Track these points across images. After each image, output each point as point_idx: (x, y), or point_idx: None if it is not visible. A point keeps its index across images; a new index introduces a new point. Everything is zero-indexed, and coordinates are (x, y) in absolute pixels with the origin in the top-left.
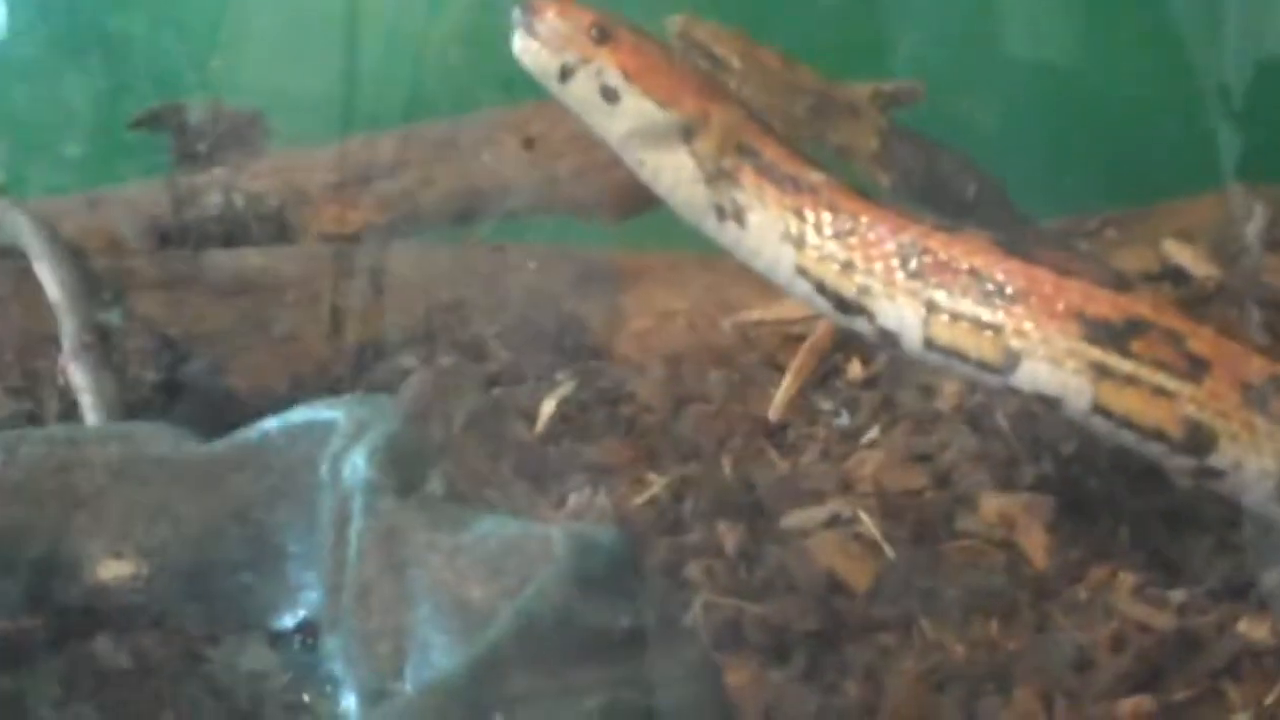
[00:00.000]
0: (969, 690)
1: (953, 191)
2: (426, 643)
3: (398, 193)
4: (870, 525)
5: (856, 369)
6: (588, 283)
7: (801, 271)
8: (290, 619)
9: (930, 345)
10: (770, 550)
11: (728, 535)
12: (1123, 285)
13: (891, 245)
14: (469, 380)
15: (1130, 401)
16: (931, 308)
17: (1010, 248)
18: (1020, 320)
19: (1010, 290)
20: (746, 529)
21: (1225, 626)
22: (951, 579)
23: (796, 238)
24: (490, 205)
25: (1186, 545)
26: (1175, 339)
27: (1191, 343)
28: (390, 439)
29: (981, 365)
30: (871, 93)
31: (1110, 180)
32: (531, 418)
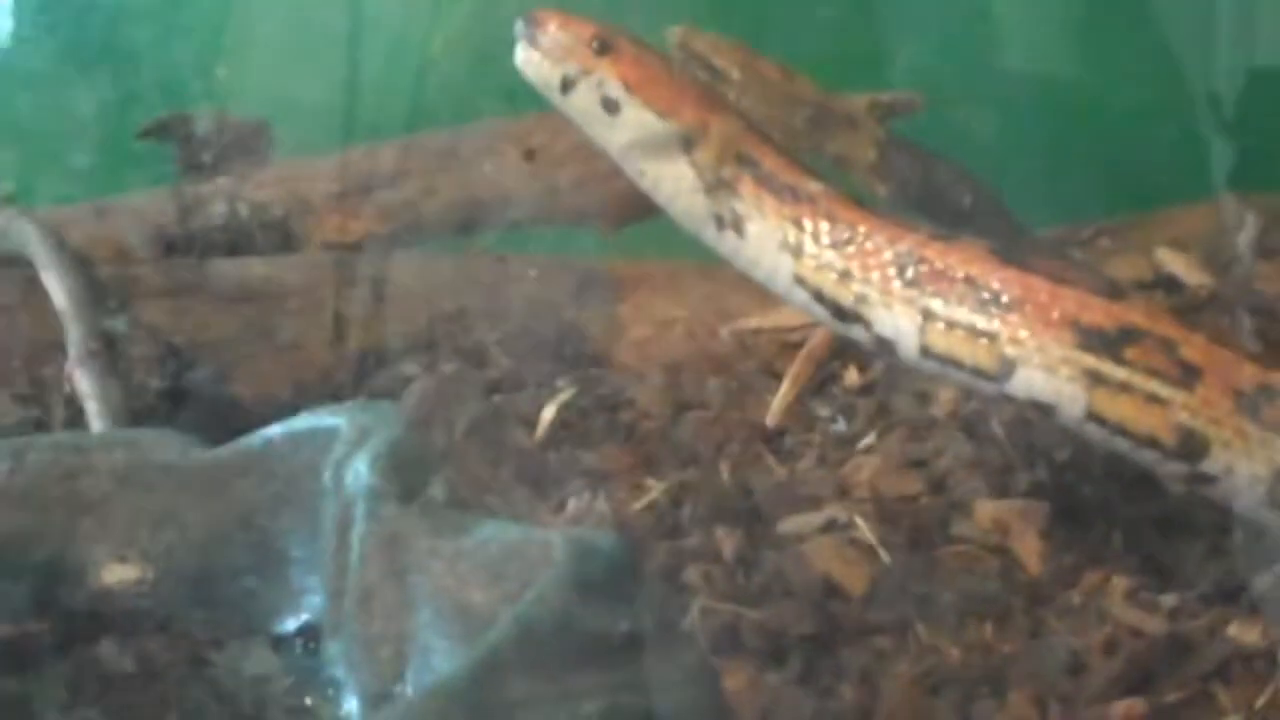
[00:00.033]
0: (964, 693)
1: (949, 201)
2: (428, 647)
3: (400, 202)
4: (866, 530)
5: (853, 376)
6: (588, 291)
7: (799, 280)
8: (293, 623)
9: (926, 353)
10: (767, 555)
11: (726, 540)
12: (1116, 293)
13: (888, 254)
14: (470, 387)
15: (1124, 408)
16: (928, 316)
17: (1006, 256)
18: (1015, 328)
19: (1005, 298)
20: (744, 534)
21: (1216, 630)
22: (947, 584)
23: (795, 247)
24: (492, 215)
25: (1178, 550)
26: (1168, 347)
27: (1184, 350)
28: (393, 445)
29: (977, 372)
30: (869, 104)
31: (1104, 190)
32: (532, 424)
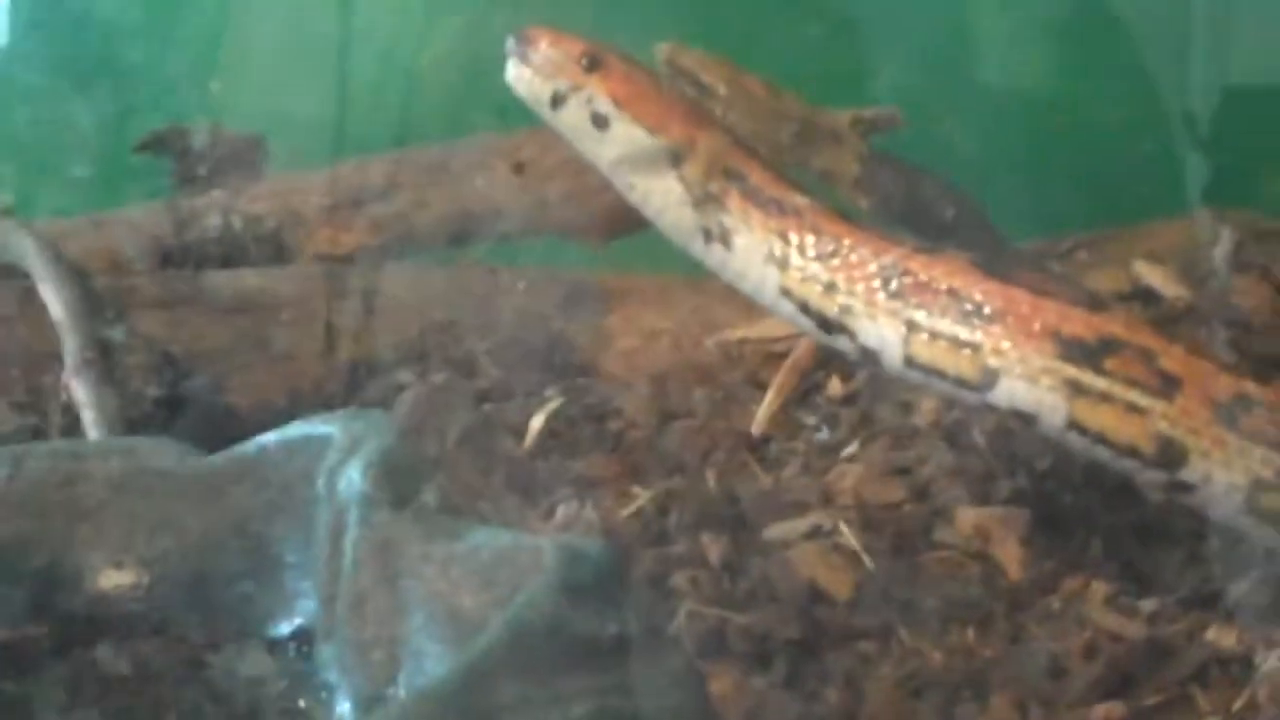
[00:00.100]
0: (946, 697)
1: (932, 215)
2: (420, 651)
3: (391, 215)
4: (850, 537)
5: (836, 386)
6: (576, 303)
7: (786, 292)
8: (287, 627)
9: (910, 363)
10: (753, 561)
11: (712, 547)
12: (1097, 305)
13: (873, 267)
14: (461, 397)
15: (1104, 418)
16: (912, 327)
17: (988, 269)
18: (998, 339)
19: (988, 310)
20: (730, 541)
21: (1194, 635)
22: (929, 589)
23: (781, 259)
24: (482, 228)
25: (1157, 557)
26: (1147, 357)
27: (1163, 361)
28: (385, 453)
29: (960, 382)
30: (852, 119)
31: (1083, 204)
32: (521, 433)
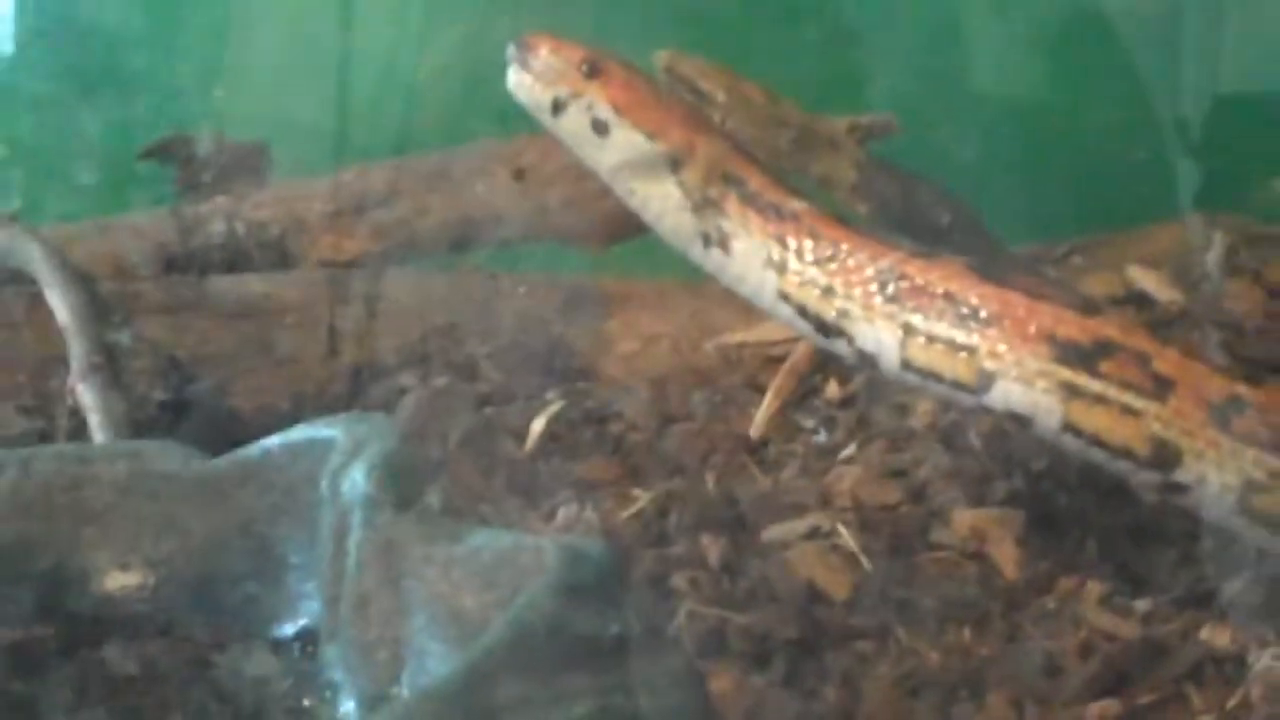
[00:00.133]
0: (943, 696)
1: (929, 220)
2: (423, 651)
3: (393, 221)
4: (848, 538)
5: (834, 389)
6: (576, 308)
7: (784, 296)
8: (292, 628)
9: (907, 366)
10: (752, 562)
11: (711, 548)
12: (1091, 309)
13: (870, 271)
14: (462, 400)
15: (1099, 420)
16: (908, 330)
17: (984, 273)
18: (994, 342)
19: (984, 314)
20: (729, 541)
21: (1188, 634)
22: (926, 589)
23: (779, 264)
24: (483, 233)
25: (1151, 557)
26: (1142, 360)
27: (1157, 364)
28: (388, 456)
29: (956, 385)
30: (848, 126)
31: (1077, 209)
32: (522, 436)
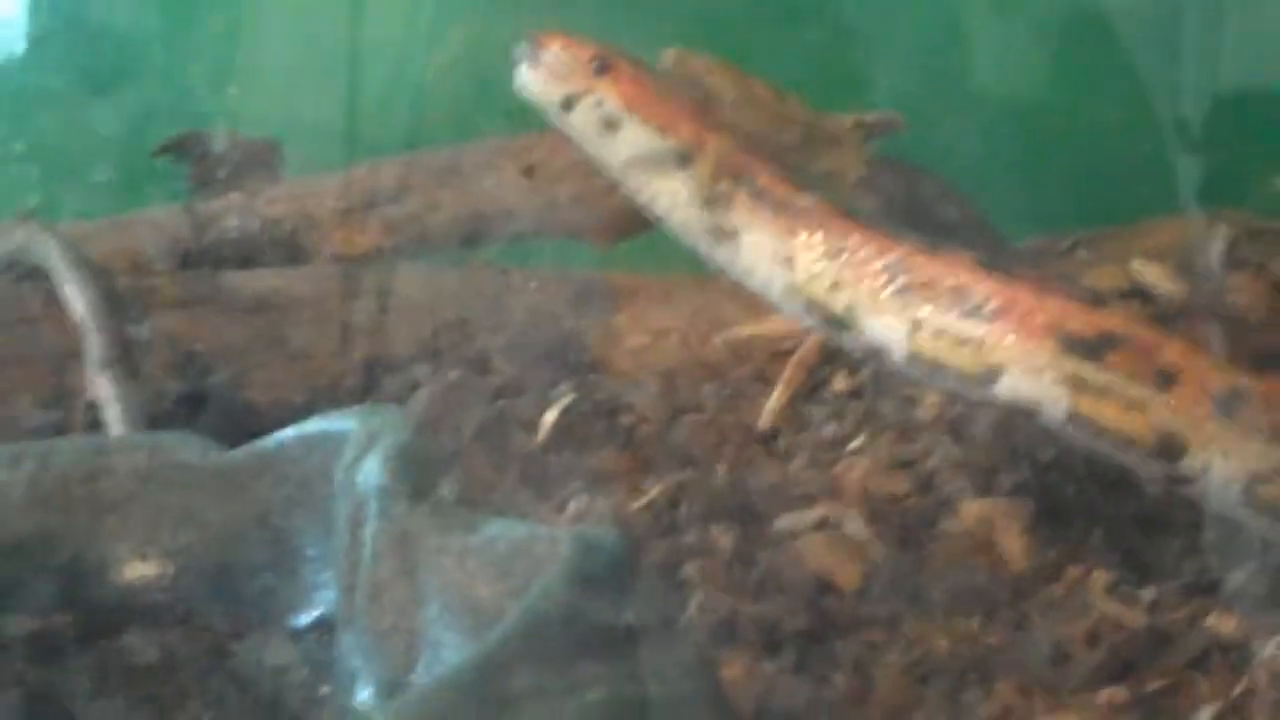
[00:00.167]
0: (952, 683)
1: (934, 215)
2: (437, 640)
3: (404, 217)
4: (857, 528)
5: (842, 381)
6: (586, 302)
7: (792, 290)
8: (308, 617)
9: (914, 359)
10: (762, 552)
11: (722, 538)
12: (1097, 301)
13: (878, 264)
14: (475, 393)
15: (1105, 411)
16: (916, 323)
17: (990, 266)
18: (1001, 335)
19: (991, 307)
20: (740, 532)
21: (1194, 622)
22: (935, 578)
23: (787, 258)
24: (493, 229)
25: (1157, 546)
26: (1147, 352)
27: (1162, 356)
28: (402, 447)
29: (963, 377)
30: (854, 123)
31: (1081, 204)
32: (534, 428)
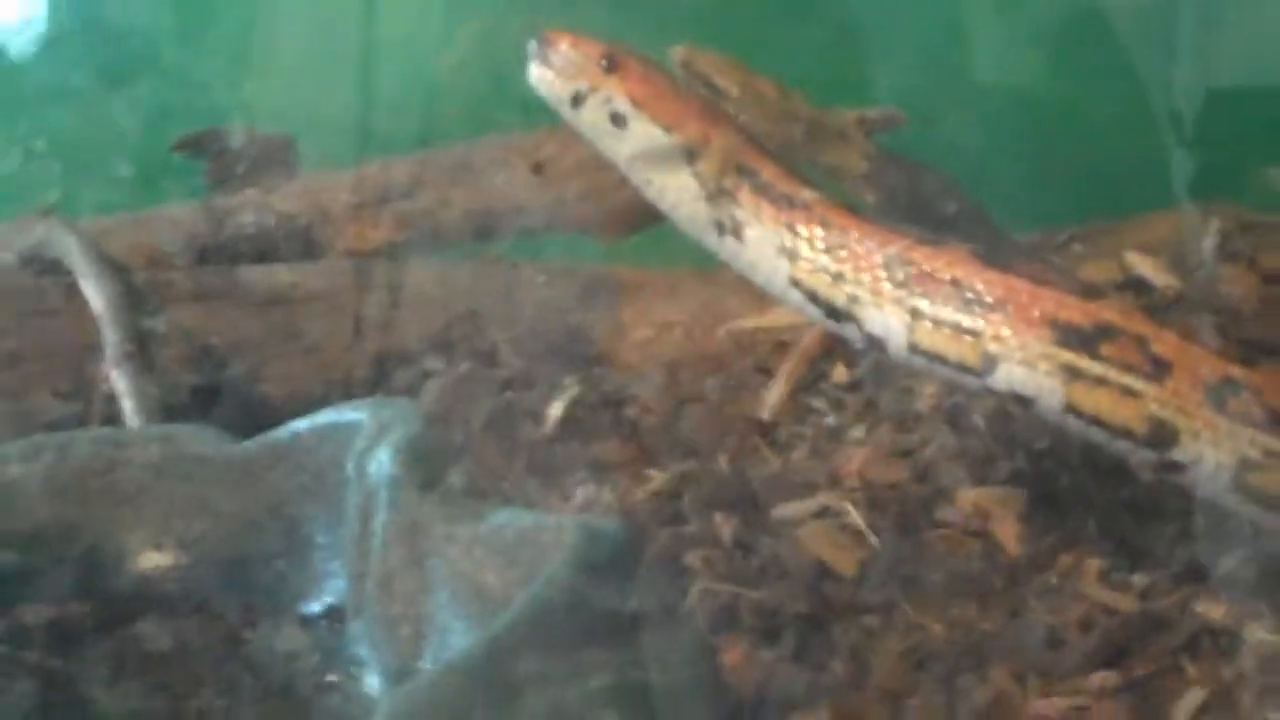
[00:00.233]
0: (948, 668)
1: (935, 209)
2: (446, 626)
3: (416, 212)
4: (856, 516)
5: (842, 373)
6: (593, 296)
7: (795, 283)
8: (319, 605)
9: (914, 350)
10: (763, 540)
11: (724, 526)
12: (1092, 294)
13: (879, 258)
14: (484, 385)
15: (1099, 401)
16: (915, 315)
17: (989, 260)
18: (998, 326)
19: (989, 299)
20: (741, 520)
21: (1185, 608)
22: (932, 566)
23: (791, 251)
24: (503, 224)
25: (1149, 533)
26: (1141, 343)
27: (1155, 347)
28: (412, 439)
29: (961, 368)
30: (857, 119)
31: (1078, 198)
32: (541, 419)
